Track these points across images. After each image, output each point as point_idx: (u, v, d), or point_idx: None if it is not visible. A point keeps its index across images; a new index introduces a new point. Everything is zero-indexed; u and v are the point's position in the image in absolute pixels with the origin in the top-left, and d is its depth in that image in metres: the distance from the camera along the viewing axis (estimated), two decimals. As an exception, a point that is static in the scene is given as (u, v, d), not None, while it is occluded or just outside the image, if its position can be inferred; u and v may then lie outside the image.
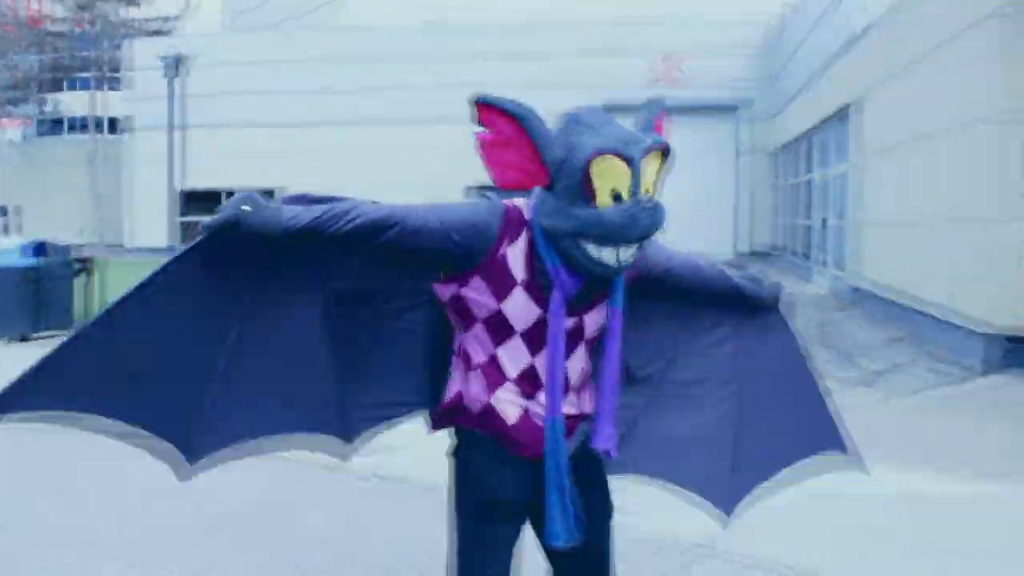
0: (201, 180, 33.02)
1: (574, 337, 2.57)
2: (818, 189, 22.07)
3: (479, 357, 2.58)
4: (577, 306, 2.54)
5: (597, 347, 2.64)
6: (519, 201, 2.58)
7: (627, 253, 2.42)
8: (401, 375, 2.74)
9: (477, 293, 2.52)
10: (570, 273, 2.47)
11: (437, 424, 2.73)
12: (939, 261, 11.99)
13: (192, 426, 2.52)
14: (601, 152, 2.35)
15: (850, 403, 8.43)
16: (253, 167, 30.87)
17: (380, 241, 2.44)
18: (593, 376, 2.66)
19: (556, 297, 2.49)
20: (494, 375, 2.57)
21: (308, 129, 31.51)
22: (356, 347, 2.67)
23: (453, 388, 2.64)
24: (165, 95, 33.20)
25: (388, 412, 2.80)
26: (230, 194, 2.54)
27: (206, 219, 2.37)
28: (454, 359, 2.65)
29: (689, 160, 30.23)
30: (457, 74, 30.05)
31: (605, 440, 2.61)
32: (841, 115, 18.96)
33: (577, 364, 2.61)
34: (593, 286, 2.54)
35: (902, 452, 6.56)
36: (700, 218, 30.40)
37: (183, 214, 33.34)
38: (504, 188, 2.44)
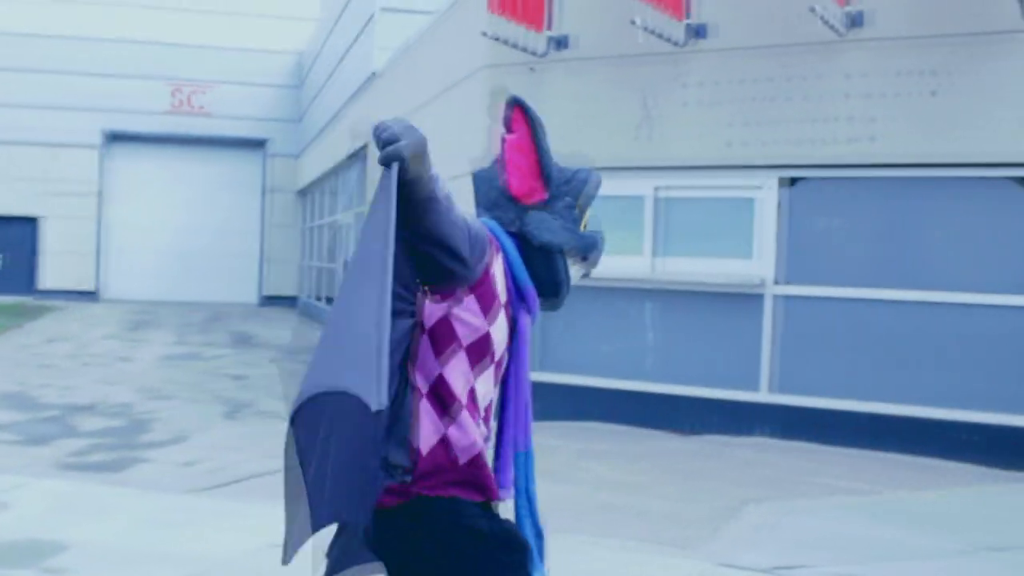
0: None
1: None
2: (340, 232, 21.95)
3: (462, 393, 2.25)
4: None
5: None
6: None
7: None
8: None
9: (470, 313, 2.24)
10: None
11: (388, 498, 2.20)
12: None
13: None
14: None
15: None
16: None
17: (441, 215, 2.10)
18: None
19: (527, 319, 2.40)
20: (473, 412, 2.28)
21: None
22: None
23: (430, 438, 2.21)
24: None
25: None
26: None
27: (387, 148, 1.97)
28: (421, 402, 2.22)
29: (212, 198, 29.12)
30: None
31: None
32: (360, 157, 18.97)
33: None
34: None
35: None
36: (224, 261, 29.30)
37: None
38: (518, 197, 2.38)
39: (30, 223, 27.70)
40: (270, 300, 29.06)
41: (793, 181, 8.79)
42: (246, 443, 8.68)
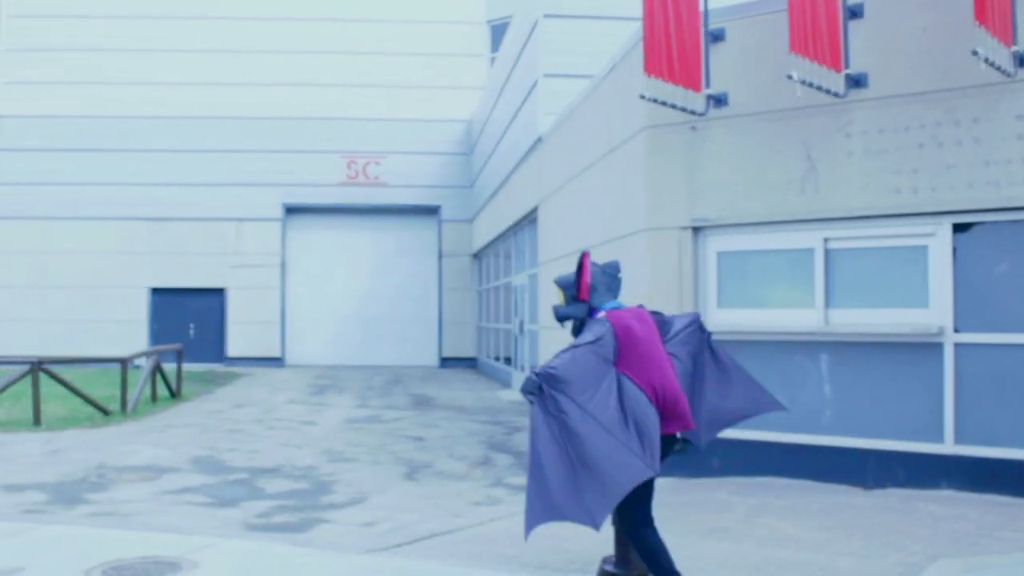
0: None
1: None
2: (515, 293, 22.35)
3: None
4: None
5: None
6: None
7: None
8: None
9: None
10: None
11: None
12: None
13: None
14: None
15: (507, 512, 8.33)
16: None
17: None
18: None
19: None
20: None
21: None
22: None
23: None
24: None
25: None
26: None
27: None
28: None
29: (389, 265, 30.16)
30: (136, 168, 28.75)
31: None
32: (530, 220, 19.34)
33: None
34: None
35: None
36: (403, 325, 30.13)
37: None
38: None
39: (218, 294, 29.33)
40: (449, 361, 29.74)
41: (966, 226, 8.54)
42: (425, 503, 8.91)
